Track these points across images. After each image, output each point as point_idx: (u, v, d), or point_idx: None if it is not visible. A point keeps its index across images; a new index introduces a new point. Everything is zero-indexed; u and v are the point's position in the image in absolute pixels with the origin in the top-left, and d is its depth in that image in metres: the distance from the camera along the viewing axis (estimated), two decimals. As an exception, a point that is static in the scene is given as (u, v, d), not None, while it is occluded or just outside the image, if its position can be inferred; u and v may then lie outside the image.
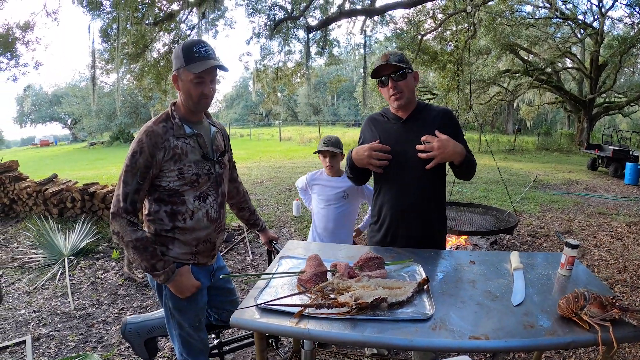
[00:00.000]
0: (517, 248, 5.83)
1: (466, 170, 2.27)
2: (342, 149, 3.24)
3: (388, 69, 2.28)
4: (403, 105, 2.33)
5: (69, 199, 6.76)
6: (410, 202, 2.34)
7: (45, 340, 3.60)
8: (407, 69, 2.29)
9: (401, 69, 2.27)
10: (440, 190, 2.46)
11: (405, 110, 2.37)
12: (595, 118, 23.09)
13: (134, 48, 11.60)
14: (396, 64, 2.24)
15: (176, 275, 2.03)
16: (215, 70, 2.01)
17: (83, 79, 48.15)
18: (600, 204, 8.93)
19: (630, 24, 19.91)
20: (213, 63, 1.94)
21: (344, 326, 1.52)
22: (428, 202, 2.37)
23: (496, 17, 15.19)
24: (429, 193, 2.36)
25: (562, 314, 1.56)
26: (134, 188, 1.92)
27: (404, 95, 2.29)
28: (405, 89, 2.29)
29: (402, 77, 2.28)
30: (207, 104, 2.06)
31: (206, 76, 1.97)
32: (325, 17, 12.90)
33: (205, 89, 1.99)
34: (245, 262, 5.39)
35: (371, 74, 2.38)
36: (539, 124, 37.04)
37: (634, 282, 4.65)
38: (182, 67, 1.95)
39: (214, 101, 54.90)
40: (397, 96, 2.29)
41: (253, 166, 15.35)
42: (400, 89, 2.28)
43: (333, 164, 3.23)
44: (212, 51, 1.99)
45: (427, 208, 2.38)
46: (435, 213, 2.43)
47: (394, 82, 2.27)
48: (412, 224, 2.38)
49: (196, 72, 1.92)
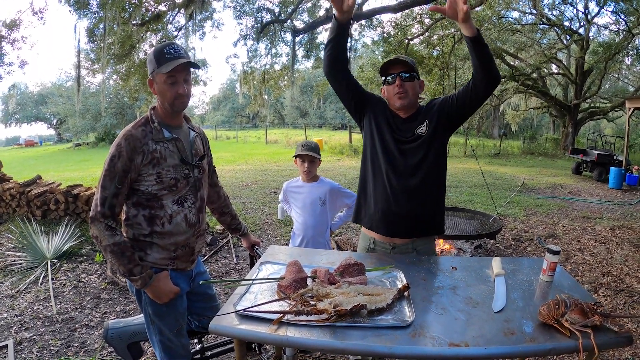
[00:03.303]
0: (501, 252, 5.87)
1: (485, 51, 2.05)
2: (320, 156, 3.24)
3: (398, 67, 2.29)
4: (405, 105, 2.32)
5: (52, 200, 6.67)
6: (401, 203, 2.31)
7: (28, 344, 3.54)
8: (415, 74, 2.30)
9: (411, 70, 2.28)
10: (435, 184, 2.38)
11: (406, 111, 2.37)
12: (580, 123, 23.37)
13: (121, 48, 11.53)
14: (405, 59, 2.26)
15: (154, 280, 2.00)
16: (188, 70, 2.01)
17: (69, 78, 47.85)
18: (584, 208, 9.03)
19: (616, 31, 20.25)
20: (183, 60, 1.94)
21: (323, 333, 1.51)
22: (422, 205, 2.34)
23: (483, 22, 15.33)
24: (425, 195, 2.33)
25: (543, 320, 1.56)
26: (112, 192, 1.90)
27: (407, 96, 2.29)
28: (410, 90, 2.29)
29: (409, 78, 2.28)
30: (183, 104, 2.04)
31: (178, 75, 1.96)
32: (312, 21, 12.93)
33: (180, 89, 1.98)
34: (229, 265, 5.35)
35: (380, 70, 2.38)
36: (525, 129, 37.43)
37: (617, 285, 4.69)
38: (154, 70, 1.95)
39: (201, 103, 54.12)
40: (401, 95, 2.29)
41: (239, 169, 15.28)
42: (405, 89, 2.28)
43: (311, 169, 3.21)
44: (182, 51, 1.99)
45: (419, 205, 2.33)
46: (430, 197, 2.36)
47: (401, 80, 2.27)
48: (404, 206, 2.32)
49: (167, 71, 1.91)
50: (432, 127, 2.29)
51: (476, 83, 2.13)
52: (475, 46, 2.02)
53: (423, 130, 2.30)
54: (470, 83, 2.16)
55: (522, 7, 20.40)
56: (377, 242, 2.47)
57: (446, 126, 2.32)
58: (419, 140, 2.30)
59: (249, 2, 13.07)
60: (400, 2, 11.23)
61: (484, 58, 2.04)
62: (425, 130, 2.29)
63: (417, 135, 2.30)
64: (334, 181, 3.37)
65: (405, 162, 2.31)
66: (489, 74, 2.08)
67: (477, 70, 2.08)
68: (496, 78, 2.11)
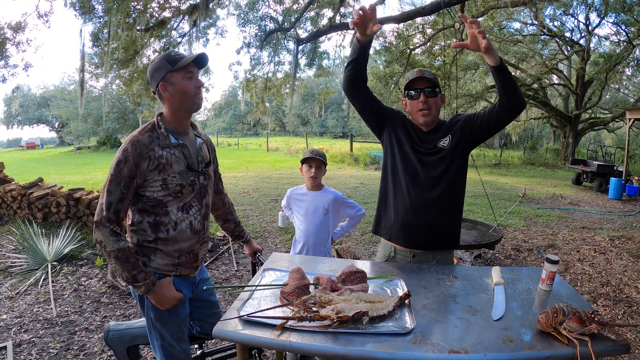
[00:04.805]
0: (501, 262, 5.88)
1: (509, 78, 2.09)
2: (326, 164, 3.26)
3: (422, 83, 2.31)
4: (429, 122, 2.36)
5: (53, 203, 6.70)
6: (420, 215, 2.34)
7: (27, 346, 3.55)
8: (438, 89, 2.33)
9: (435, 86, 2.31)
10: (454, 203, 2.41)
11: (428, 127, 2.40)
12: (580, 133, 23.44)
13: (124, 53, 11.57)
14: (430, 77, 2.28)
15: (157, 287, 2.01)
16: (197, 69, 2.09)
17: (72, 82, 47.82)
18: (584, 218, 9.04)
19: (617, 42, 20.32)
20: (195, 55, 2.02)
21: (325, 339, 1.53)
22: (441, 218, 2.36)
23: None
24: (442, 205, 2.35)
25: (542, 328, 1.58)
26: (118, 197, 1.91)
27: (431, 112, 2.32)
28: (433, 106, 2.33)
29: (433, 94, 2.32)
30: (201, 99, 2.09)
31: (194, 70, 2.04)
32: (315, 30, 12.99)
33: (198, 82, 2.05)
34: (229, 272, 5.36)
35: (404, 86, 2.39)
36: (525, 139, 37.40)
37: (616, 295, 4.70)
38: (168, 72, 1.98)
39: (203, 109, 54.10)
40: (425, 112, 2.32)
41: (240, 176, 15.29)
42: (429, 105, 2.31)
43: (317, 175, 3.21)
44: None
45: (438, 218, 2.36)
46: (449, 210, 2.39)
47: (425, 97, 2.30)
48: (422, 219, 2.35)
49: (184, 65, 1.98)
50: (454, 141, 2.32)
51: (502, 107, 2.18)
52: (499, 74, 2.07)
53: (445, 143, 2.32)
54: (497, 106, 2.20)
55: (523, 18, 20.50)
56: (398, 250, 2.50)
57: (468, 142, 2.35)
58: (441, 154, 2.33)
59: (252, 11, 13.14)
60: (403, 12, 11.30)
61: (509, 85, 2.09)
62: (447, 144, 2.32)
63: (438, 148, 2.33)
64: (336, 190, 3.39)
65: (426, 174, 2.34)
66: (514, 100, 2.12)
67: (502, 96, 2.14)
68: (521, 104, 2.17)
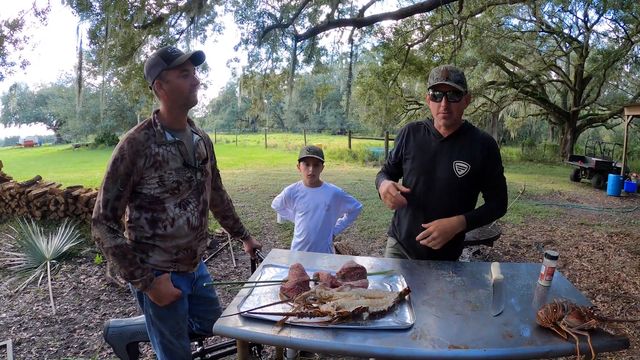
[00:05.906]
0: (499, 258, 5.89)
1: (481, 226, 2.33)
2: (324, 161, 3.25)
3: (445, 87, 2.27)
4: (448, 125, 2.35)
5: (52, 201, 6.69)
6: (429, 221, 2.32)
7: (27, 344, 3.55)
8: (463, 92, 2.29)
9: (459, 91, 2.27)
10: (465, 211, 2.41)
11: (448, 129, 2.38)
12: (578, 130, 23.43)
13: (122, 50, 11.52)
14: (455, 85, 2.22)
15: (155, 283, 2.02)
16: (193, 66, 2.08)
17: (69, 79, 47.79)
18: (582, 214, 9.06)
19: (615, 39, 20.32)
20: (191, 53, 2.01)
21: (325, 335, 1.54)
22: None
23: (483, 29, 15.38)
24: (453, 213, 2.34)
25: (541, 323, 1.59)
26: (115, 195, 1.92)
27: (452, 116, 2.30)
28: (455, 110, 2.30)
29: (456, 98, 2.28)
30: (196, 97, 2.09)
31: (190, 67, 2.03)
32: (313, 26, 12.96)
33: (193, 81, 2.05)
34: (228, 269, 5.37)
35: (429, 84, 2.35)
36: (524, 135, 37.39)
37: (614, 291, 4.72)
38: (163, 69, 1.97)
39: (201, 106, 53.98)
40: (445, 115, 2.29)
41: (238, 173, 15.28)
42: (450, 110, 2.28)
43: (315, 173, 3.21)
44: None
45: None
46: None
47: (447, 102, 2.27)
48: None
49: (180, 64, 1.97)
50: (470, 171, 2.31)
51: None
52: (474, 227, 2.42)
53: (462, 172, 2.31)
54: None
55: (522, 15, 20.44)
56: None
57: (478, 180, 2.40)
58: (456, 181, 2.32)
59: (250, 7, 13.12)
60: (401, 9, 11.28)
61: (484, 224, 2.52)
62: (464, 173, 2.31)
63: (453, 175, 2.32)
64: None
65: (437, 196, 2.37)
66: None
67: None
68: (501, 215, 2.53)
